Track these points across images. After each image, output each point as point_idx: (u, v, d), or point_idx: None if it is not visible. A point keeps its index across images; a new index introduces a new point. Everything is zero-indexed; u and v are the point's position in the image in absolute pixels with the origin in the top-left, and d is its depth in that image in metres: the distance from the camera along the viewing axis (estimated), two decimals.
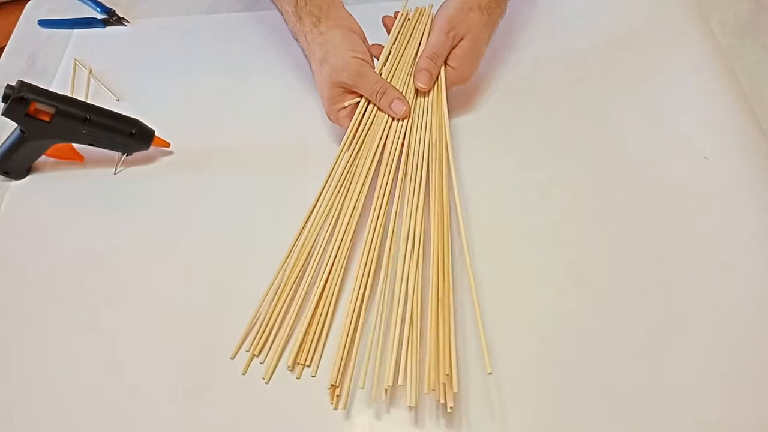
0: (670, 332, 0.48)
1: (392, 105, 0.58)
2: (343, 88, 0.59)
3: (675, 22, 0.68)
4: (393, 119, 0.59)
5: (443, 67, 0.61)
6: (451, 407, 0.44)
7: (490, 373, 0.45)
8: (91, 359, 0.51)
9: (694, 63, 0.64)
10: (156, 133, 0.62)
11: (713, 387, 0.45)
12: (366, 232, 0.53)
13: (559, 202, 0.56)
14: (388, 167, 0.56)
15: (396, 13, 0.66)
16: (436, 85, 0.61)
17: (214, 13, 0.78)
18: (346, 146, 0.58)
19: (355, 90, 0.59)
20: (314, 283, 0.52)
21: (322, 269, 0.52)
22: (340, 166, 0.57)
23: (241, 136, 0.65)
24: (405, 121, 0.59)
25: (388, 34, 0.65)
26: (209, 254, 0.56)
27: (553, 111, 0.63)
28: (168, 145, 0.64)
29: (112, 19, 0.78)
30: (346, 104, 0.60)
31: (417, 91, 0.61)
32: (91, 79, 0.72)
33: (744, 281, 0.50)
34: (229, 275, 0.55)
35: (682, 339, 0.47)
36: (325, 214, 0.54)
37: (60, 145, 0.61)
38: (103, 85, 0.71)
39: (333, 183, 0.56)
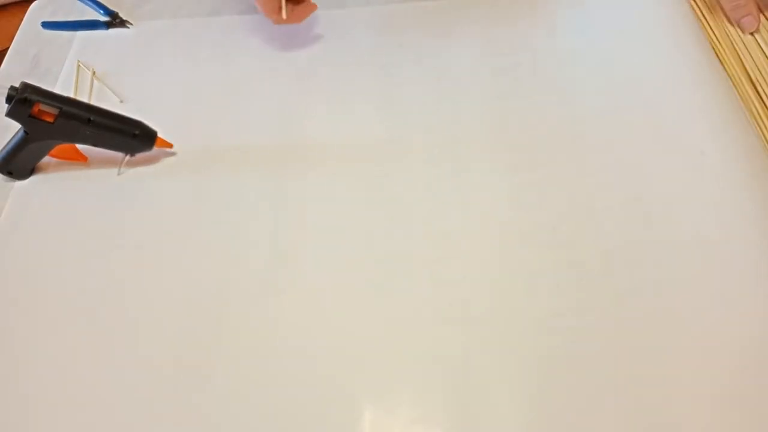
0: (668, 331, 0.48)
1: None
2: None
3: (670, 20, 0.69)
4: None
5: None
6: None
7: None
8: (94, 359, 0.51)
9: (689, 61, 0.65)
10: (159, 134, 0.63)
11: (710, 386, 0.46)
12: None
13: (556, 202, 0.57)
14: None
15: None
16: None
17: (216, 16, 0.79)
18: None
19: None
20: None
21: None
22: None
23: (243, 137, 0.66)
24: None
25: None
26: (212, 254, 0.57)
27: (548, 111, 0.63)
28: (171, 146, 0.64)
29: (114, 21, 0.79)
30: None
31: None
32: (95, 81, 0.73)
33: (741, 278, 0.50)
34: (233, 275, 0.55)
35: (679, 338, 0.48)
36: None
37: (63, 146, 0.62)
38: (107, 86, 0.72)
39: None
